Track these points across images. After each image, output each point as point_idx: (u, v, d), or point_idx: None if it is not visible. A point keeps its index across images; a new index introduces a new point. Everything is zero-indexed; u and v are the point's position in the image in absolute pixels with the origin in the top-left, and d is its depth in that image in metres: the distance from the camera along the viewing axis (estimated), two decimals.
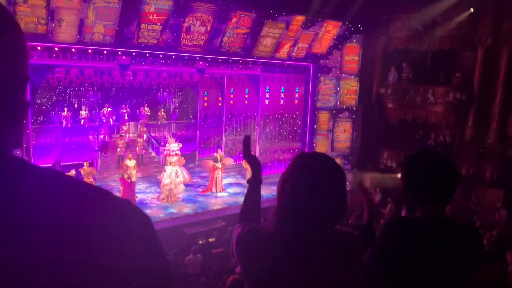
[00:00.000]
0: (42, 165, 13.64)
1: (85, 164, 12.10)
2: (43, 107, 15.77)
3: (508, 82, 12.90)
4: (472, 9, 13.00)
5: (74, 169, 11.85)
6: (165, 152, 13.32)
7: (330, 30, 13.81)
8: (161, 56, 11.86)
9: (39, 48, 9.83)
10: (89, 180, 12.00)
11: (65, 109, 16.06)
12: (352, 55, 14.93)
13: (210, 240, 10.65)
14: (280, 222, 1.43)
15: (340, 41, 14.52)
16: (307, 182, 1.40)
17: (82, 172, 11.92)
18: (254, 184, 1.77)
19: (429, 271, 1.78)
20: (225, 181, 14.68)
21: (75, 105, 16.51)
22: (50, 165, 15.07)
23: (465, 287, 1.86)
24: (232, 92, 17.49)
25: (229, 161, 14.78)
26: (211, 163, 14.21)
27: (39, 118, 15.46)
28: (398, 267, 1.84)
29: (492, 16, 12.91)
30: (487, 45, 13.09)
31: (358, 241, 1.55)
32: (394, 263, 1.86)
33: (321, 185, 1.40)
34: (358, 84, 15.17)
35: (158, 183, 13.51)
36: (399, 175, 2.00)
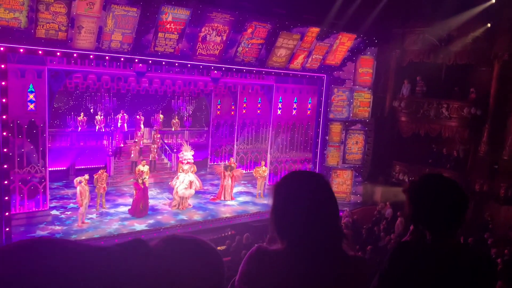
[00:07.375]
0: (55, 168, 13.89)
1: (100, 171, 12.37)
2: (60, 111, 16.11)
3: None
4: (489, 24, 12.92)
5: (87, 174, 12.03)
6: (180, 159, 13.49)
7: (344, 42, 13.87)
8: (176, 64, 12.06)
9: (58, 54, 10.09)
10: (102, 185, 12.25)
11: (81, 113, 16.37)
12: (366, 68, 14.94)
13: (219, 248, 10.67)
14: (285, 237, 1.46)
15: (354, 53, 14.57)
16: (298, 199, 1.47)
17: (96, 177, 12.14)
18: None
19: None
20: (235, 190, 14.71)
21: (91, 110, 16.80)
22: (64, 168, 15.33)
23: None
24: (245, 101, 17.61)
25: (238, 172, 14.71)
26: (221, 168, 14.28)
27: (55, 122, 15.78)
28: None
29: (509, 31, 12.81)
30: (504, 60, 12.97)
31: (367, 266, 1.55)
32: None
33: (312, 202, 1.45)
34: (372, 96, 15.14)
35: (170, 189, 13.62)
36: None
